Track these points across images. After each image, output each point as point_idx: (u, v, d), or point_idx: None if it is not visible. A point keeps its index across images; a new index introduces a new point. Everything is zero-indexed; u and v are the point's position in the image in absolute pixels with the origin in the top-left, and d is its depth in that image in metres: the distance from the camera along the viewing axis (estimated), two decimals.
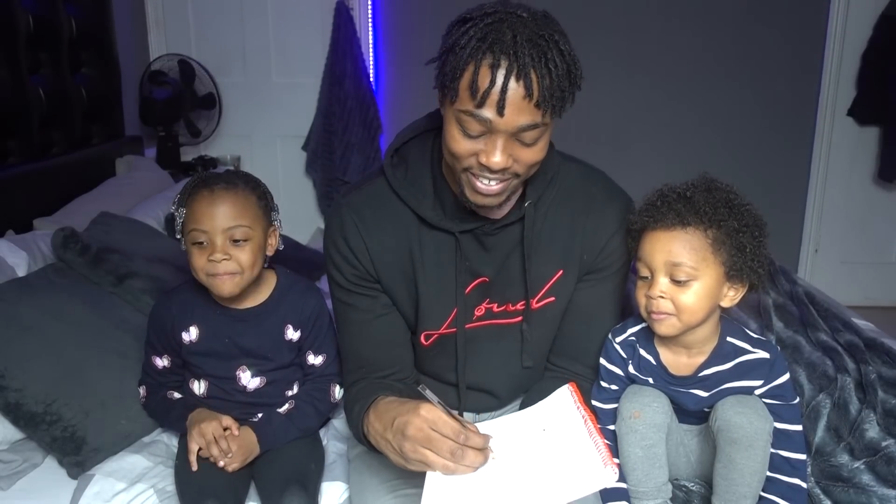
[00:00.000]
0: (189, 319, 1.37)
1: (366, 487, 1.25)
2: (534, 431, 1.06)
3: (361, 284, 1.22)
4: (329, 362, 1.42)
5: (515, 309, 1.25)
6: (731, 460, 1.13)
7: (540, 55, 0.97)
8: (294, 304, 1.39)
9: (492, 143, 1.01)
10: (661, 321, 1.13)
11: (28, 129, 2.24)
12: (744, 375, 1.17)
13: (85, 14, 2.54)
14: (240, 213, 1.29)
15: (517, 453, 1.02)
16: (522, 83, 0.96)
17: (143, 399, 1.44)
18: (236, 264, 1.29)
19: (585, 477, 0.93)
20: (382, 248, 1.19)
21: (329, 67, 3.22)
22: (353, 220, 1.19)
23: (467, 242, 1.19)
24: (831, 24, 3.20)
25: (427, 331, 1.25)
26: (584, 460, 0.96)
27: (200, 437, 1.28)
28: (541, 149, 1.05)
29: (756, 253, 1.12)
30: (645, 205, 1.16)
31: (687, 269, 1.11)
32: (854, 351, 1.60)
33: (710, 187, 1.14)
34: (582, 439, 1.00)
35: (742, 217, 1.12)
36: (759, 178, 3.31)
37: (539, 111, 0.99)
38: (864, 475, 1.30)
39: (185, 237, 1.31)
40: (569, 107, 1.03)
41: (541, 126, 1.01)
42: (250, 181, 1.35)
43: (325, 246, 1.24)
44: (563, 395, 1.09)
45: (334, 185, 3.28)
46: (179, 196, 1.32)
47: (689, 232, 1.11)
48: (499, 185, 1.06)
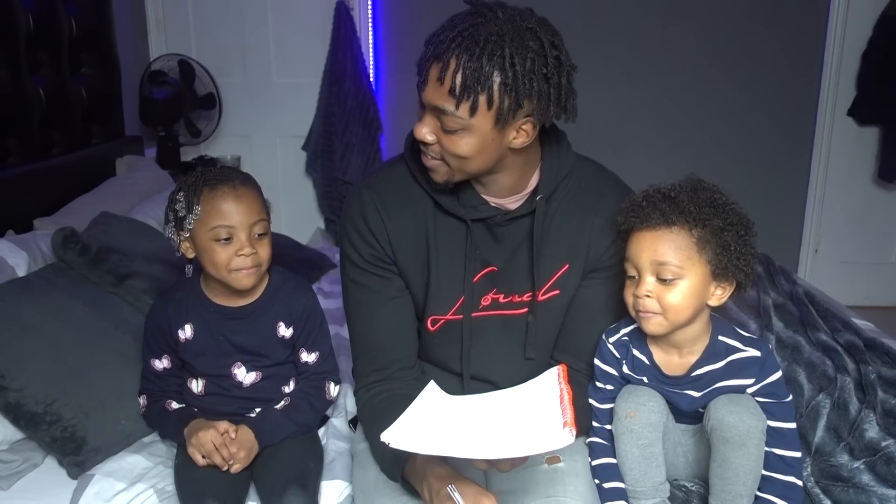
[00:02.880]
0: (184, 318, 1.37)
1: (369, 483, 1.25)
2: (512, 401, 1.09)
3: (377, 265, 1.24)
4: (322, 360, 1.43)
5: (521, 300, 1.27)
6: (726, 459, 1.13)
7: (472, 48, 1.01)
8: (285, 302, 1.39)
9: (420, 115, 1.11)
10: (649, 319, 1.15)
11: (28, 129, 2.24)
12: (735, 374, 1.18)
13: (85, 14, 2.54)
14: (259, 207, 1.33)
15: (490, 413, 1.06)
16: (439, 65, 1.03)
17: (144, 409, 1.43)
18: (258, 258, 1.31)
19: (543, 436, 0.97)
20: (401, 228, 1.23)
21: (329, 67, 3.22)
22: (374, 200, 1.23)
23: (479, 231, 1.22)
24: (831, 24, 3.20)
25: (434, 315, 1.27)
26: (545, 422, 0.99)
27: (200, 446, 1.28)
28: (462, 144, 1.08)
29: (741, 251, 1.13)
30: (630, 205, 1.17)
31: (672, 267, 1.12)
32: (854, 351, 1.60)
33: (696, 187, 1.16)
34: (551, 406, 1.03)
35: (727, 216, 1.13)
36: (759, 179, 3.31)
37: (452, 100, 1.04)
38: (863, 475, 1.30)
39: (200, 235, 1.29)
40: (510, 119, 1.06)
41: (455, 117, 1.05)
42: (250, 177, 1.37)
43: (342, 226, 1.27)
44: (550, 374, 1.11)
45: (334, 185, 3.28)
46: (185, 195, 1.30)
47: (675, 231, 1.12)
48: (432, 161, 1.13)
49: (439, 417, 1.06)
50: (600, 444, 1.24)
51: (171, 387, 1.43)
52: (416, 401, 1.09)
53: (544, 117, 1.09)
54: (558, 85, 1.07)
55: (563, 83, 1.07)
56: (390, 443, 0.97)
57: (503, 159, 1.14)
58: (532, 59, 1.03)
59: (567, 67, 1.08)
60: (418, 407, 1.08)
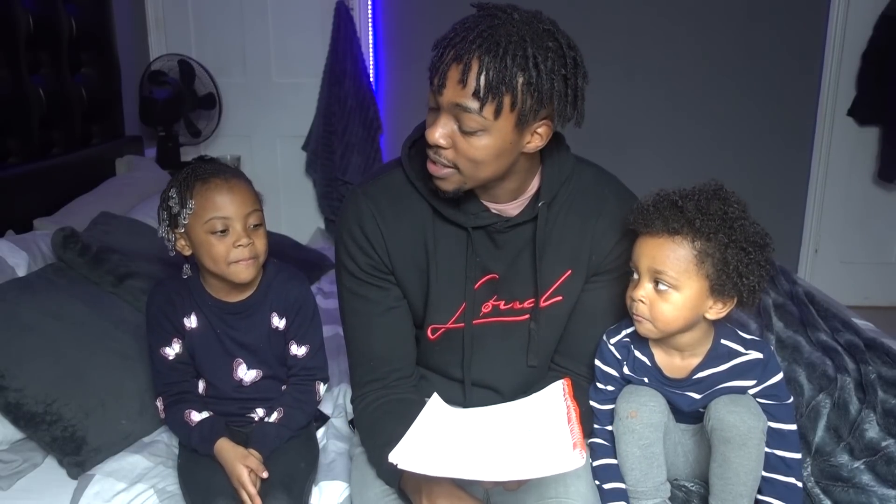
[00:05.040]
0: (189, 307, 1.37)
1: (367, 485, 1.25)
2: (517, 416, 1.08)
3: (375, 275, 1.22)
4: (312, 354, 1.41)
5: (523, 307, 1.26)
6: (726, 459, 1.13)
7: (494, 50, 1.00)
8: (278, 292, 1.38)
9: (433, 119, 1.07)
10: (640, 323, 1.15)
11: (28, 129, 2.24)
12: (738, 377, 1.18)
13: (85, 14, 2.54)
14: (253, 198, 1.32)
15: (496, 431, 1.05)
16: (462, 66, 1.01)
17: (163, 414, 1.39)
18: (255, 249, 1.30)
19: (554, 458, 0.96)
20: (398, 238, 1.20)
21: (329, 67, 3.22)
22: (371, 208, 1.20)
23: (479, 238, 1.20)
24: (831, 24, 3.20)
25: (434, 324, 1.26)
26: (556, 443, 0.98)
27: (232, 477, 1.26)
28: (480, 147, 1.06)
29: (743, 271, 1.09)
30: (639, 207, 1.16)
31: (668, 278, 1.11)
32: (854, 351, 1.60)
33: (711, 196, 1.12)
34: (559, 425, 1.02)
35: (734, 232, 1.10)
36: (759, 179, 3.30)
37: (476, 101, 1.02)
38: (863, 475, 1.30)
39: (196, 229, 1.29)
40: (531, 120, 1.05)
41: (478, 117, 1.03)
42: (240, 171, 1.38)
43: (338, 234, 1.24)
44: (555, 389, 1.10)
45: (334, 185, 3.28)
46: (177, 191, 1.29)
47: (677, 241, 1.10)
48: (442, 170, 1.09)
49: (445, 434, 1.04)
50: (601, 445, 1.24)
51: (186, 380, 1.38)
52: (420, 416, 1.07)
53: (561, 119, 1.08)
54: (575, 86, 1.06)
55: (580, 84, 1.07)
56: (399, 464, 0.95)
57: (514, 164, 1.13)
58: (553, 59, 1.03)
59: (583, 69, 1.07)
60: (423, 422, 1.06)
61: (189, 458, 1.31)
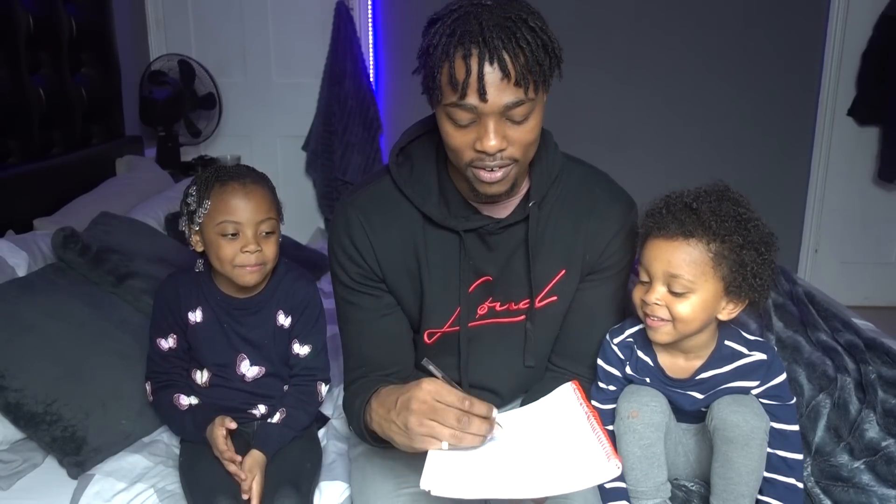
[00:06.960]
0: (195, 301, 1.39)
1: (367, 486, 1.25)
2: (536, 425, 1.06)
3: (366, 283, 1.22)
4: (314, 355, 1.43)
5: (518, 308, 1.26)
6: (728, 459, 1.13)
7: (509, 36, 0.99)
8: (286, 290, 1.41)
9: (483, 128, 1.03)
10: (658, 328, 1.13)
11: (28, 129, 2.24)
12: (741, 377, 1.18)
13: (85, 14, 2.54)
14: (269, 206, 1.34)
15: (519, 443, 1.03)
16: (497, 66, 0.99)
17: (150, 397, 1.43)
18: (264, 256, 1.32)
19: (589, 469, 0.94)
20: (388, 246, 1.20)
21: (329, 67, 3.22)
22: (359, 219, 1.19)
23: (471, 241, 1.20)
24: (831, 24, 3.20)
25: (430, 329, 1.25)
26: (588, 453, 0.97)
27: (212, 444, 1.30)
28: (532, 127, 1.06)
29: (757, 270, 1.10)
30: (651, 210, 1.15)
31: (685, 281, 1.10)
32: (854, 351, 1.60)
33: (721, 197, 1.12)
34: (585, 434, 1.00)
35: (748, 233, 1.09)
36: (759, 179, 3.30)
37: (520, 88, 1.01)
38: (863, 475, 1.30)
39: (208, 229, 1.32)
40: (556, 80, 1.06)
41: (526, 101, 1.02)
42: (264, 177, 1.39)
43: (329, 245, 1.24)
44: (565, 392, 1.09)
45: (334, 185, 3.28)
46: (197, 189, 1.33)
47: (692, 244, 1.09)
48: (500, 171, 1.08)
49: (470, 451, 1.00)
50: None
51: (175, 371, 1.42)
52: None
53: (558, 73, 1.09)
54: None
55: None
56: (431, 490, 0.93)
57: None
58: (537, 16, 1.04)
59: None
60: None
61: (190, 457, 1.32)
